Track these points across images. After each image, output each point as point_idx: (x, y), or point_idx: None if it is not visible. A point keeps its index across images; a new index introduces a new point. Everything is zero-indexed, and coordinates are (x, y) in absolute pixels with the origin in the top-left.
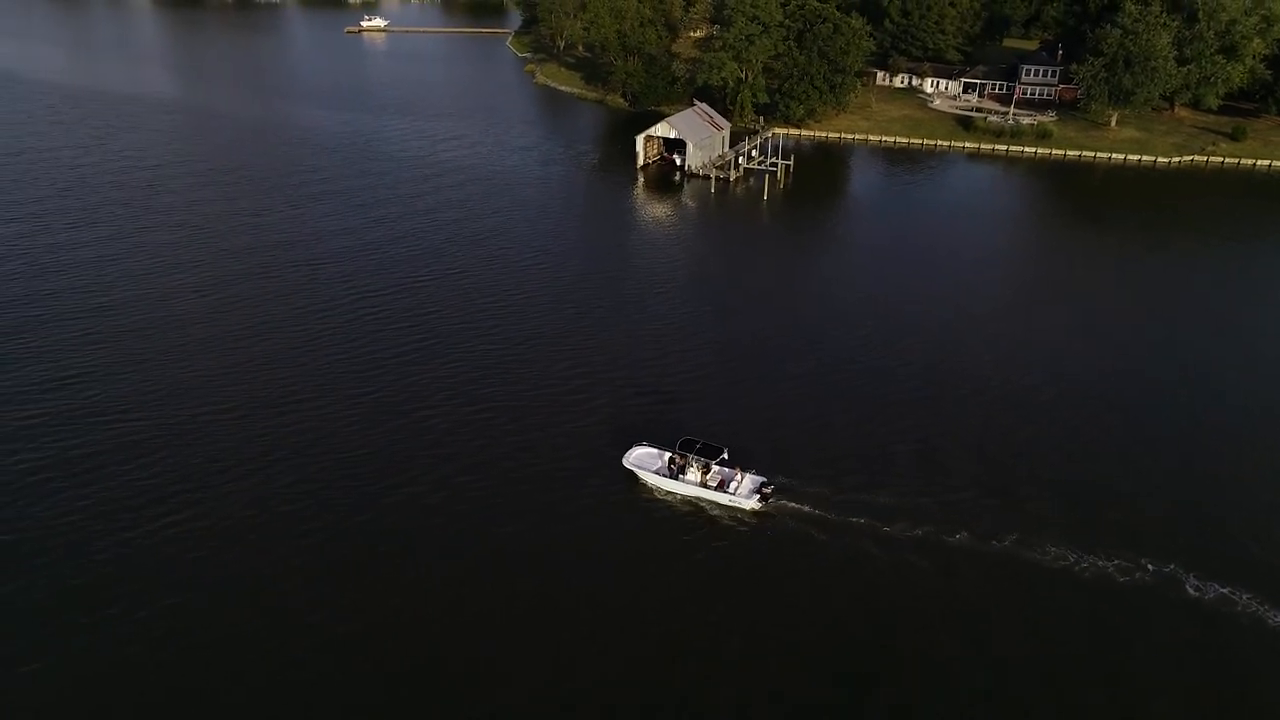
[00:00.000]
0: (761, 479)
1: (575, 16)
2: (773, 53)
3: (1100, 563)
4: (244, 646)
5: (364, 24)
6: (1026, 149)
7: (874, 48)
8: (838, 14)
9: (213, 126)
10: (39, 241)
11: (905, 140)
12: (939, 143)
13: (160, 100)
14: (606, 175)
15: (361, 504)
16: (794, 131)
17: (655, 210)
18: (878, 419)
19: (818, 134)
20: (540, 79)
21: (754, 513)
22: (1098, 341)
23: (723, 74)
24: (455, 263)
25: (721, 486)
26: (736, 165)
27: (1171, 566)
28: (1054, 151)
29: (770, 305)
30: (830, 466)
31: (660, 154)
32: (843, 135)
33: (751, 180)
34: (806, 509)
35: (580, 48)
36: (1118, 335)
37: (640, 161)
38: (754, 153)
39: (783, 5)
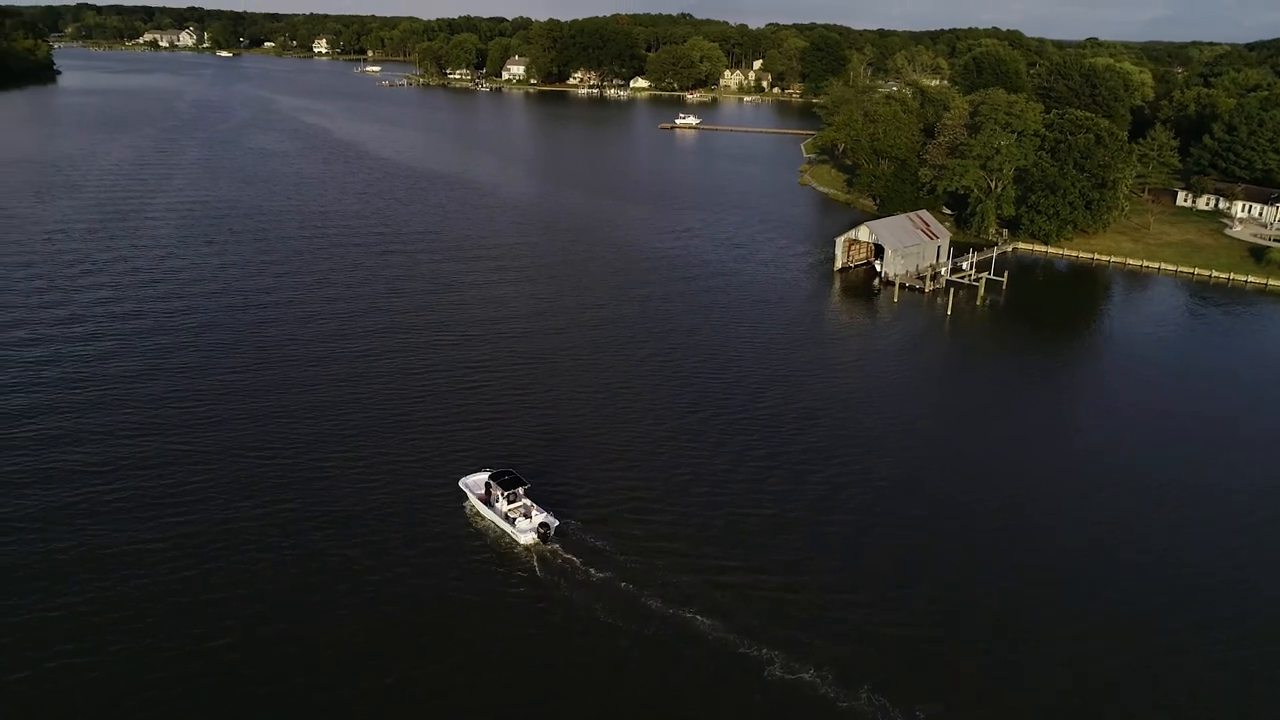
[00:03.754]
0: (546, 518)
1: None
2: (1023, 162)
3: None
4: None
5: (677, 121)
6: None
7: (1178, 164)
8: (1105, 124)
9: (478, 203)
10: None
11: (1173, 268)
12: (1214, 274)
13: (457, 178)
14: (802, 276)
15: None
16: (1040, 248)
17: (824, 315)
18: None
19: (1068, 253)
20: (805, 180)
21: (527, 547)
22: None
23: (965, 181)
24: (598, 354)
25: (521, 517)
26: (936, 277)
27: None
28: None
29: (864, 439)
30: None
31: (867, 259)
32: (1097, 256)
33: (959, 294)
34: (581, 563)
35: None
36: None
37: (839, 264)
38: (965, 266)
39: (1045, 112)
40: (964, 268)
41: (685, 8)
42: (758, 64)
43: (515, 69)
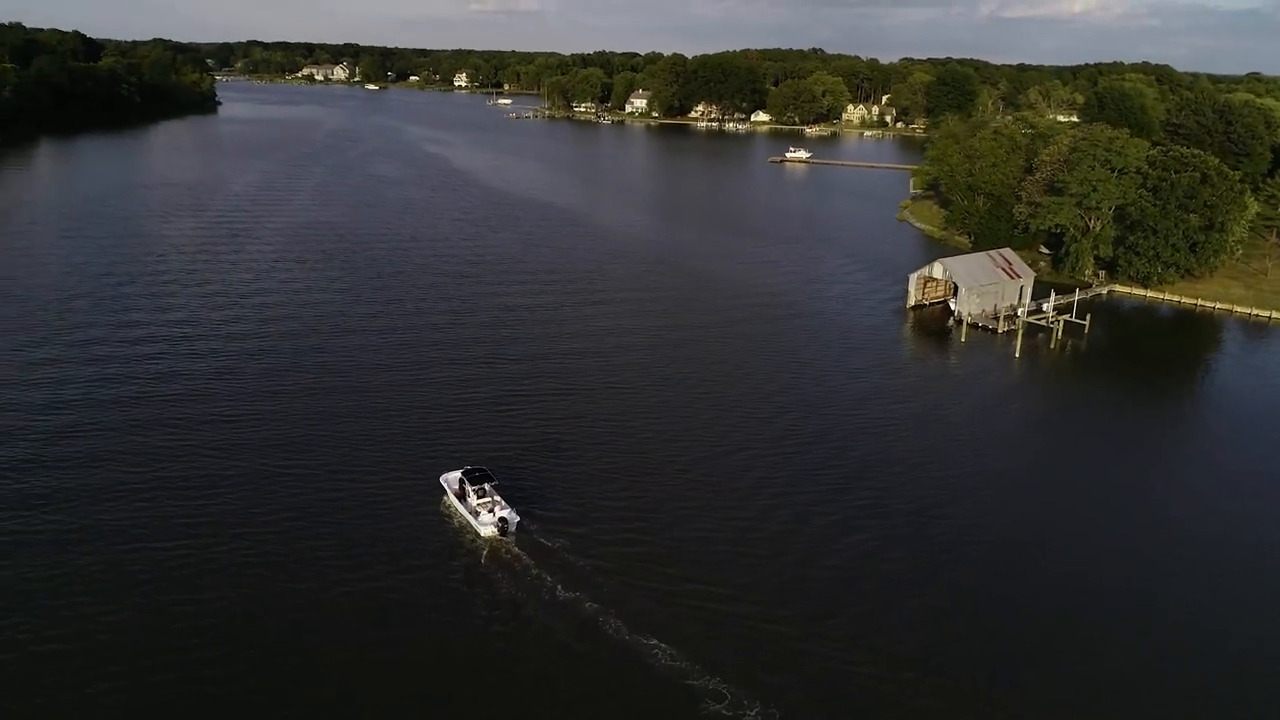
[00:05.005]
0: (508, 514)
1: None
2: (1121, 200)
3: None
4: None
5: (787, 155)
6: None
7: None
8: (1214, 162)
9: (566, 231)
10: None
11: None
12: None
13: (553, 206)
14: (872, 313)
15: None
16: (1138, 291)
17: (882, 352)
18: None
19: (1169, 297)
20: (903, 216)
21: (486, 539)
22: None
23: (1058, 219)
24: (639, 393)
25: (485, 511)
26: (1012, 318)
27: None
28: None
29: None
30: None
31: (944, 297)
32: (1200, 302)
33: (1034, 337)
34: (552, 580)
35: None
36: None
37: (912, 302)
38: (1045, 307)
39: (1153, 146)
40: (1044, 309)
41: (819, 43)
42: (886, 98)
43: (638, 102)
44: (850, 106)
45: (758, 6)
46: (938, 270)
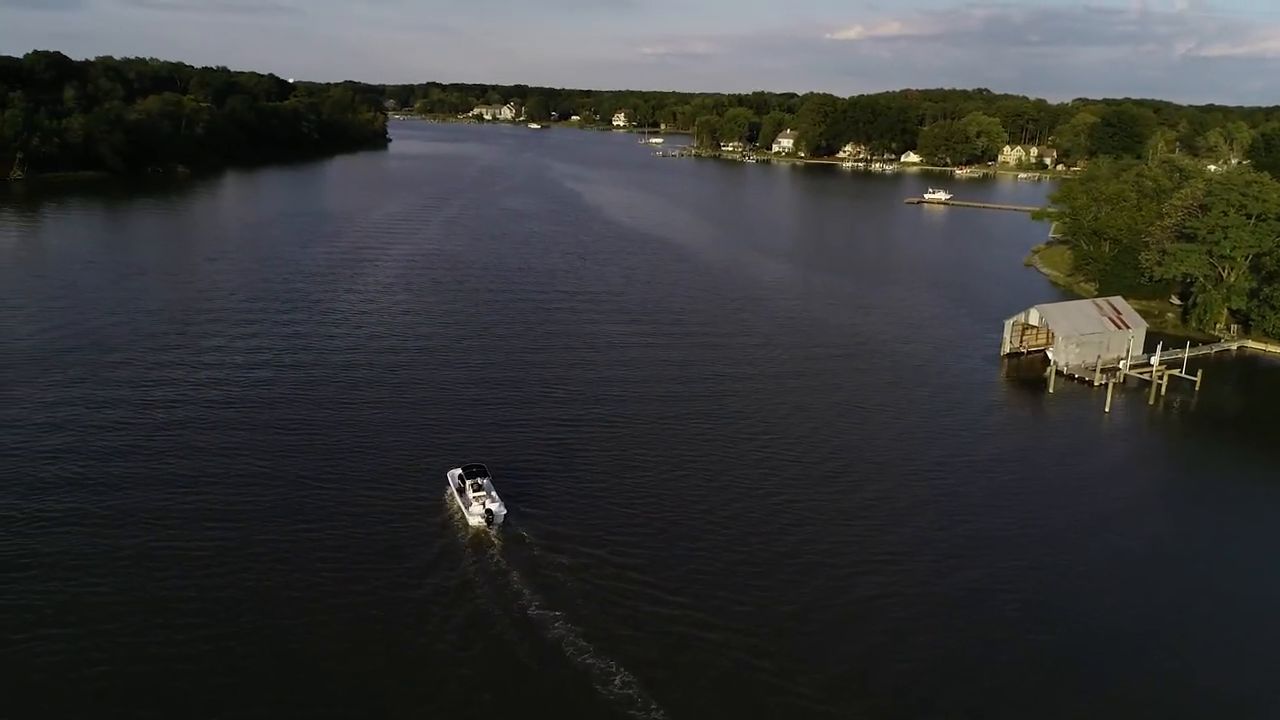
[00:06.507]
0: (495, 507)
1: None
2: (1256, 248)
3: None
4: None
5: (925, 196)
6: None
7: None
8: None
9: (670, 268)
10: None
11: None
12: None
13: (667, 242)
14: (962, 362)
15: None
16: (1274, 349)
17: (959, 402)
18: None
19: None
20: (1030, 260)
21: (473, 528)
22: None
23: (1184, 267)
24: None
25: (476, 503)
26: (1113, 370)
27: None
28: None
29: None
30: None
31: (1044, 345)
32: None
33: (1137, 393)
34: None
35: None
36: None
37: (1006, 349)
38: (1153, 361)
39: None
40: (1151, 363)
41: (994, 83)
42: (1051, 139)
43: (785, 142)
44: (1007, 148)
45: (932, 47)
46: (1034, 317)
